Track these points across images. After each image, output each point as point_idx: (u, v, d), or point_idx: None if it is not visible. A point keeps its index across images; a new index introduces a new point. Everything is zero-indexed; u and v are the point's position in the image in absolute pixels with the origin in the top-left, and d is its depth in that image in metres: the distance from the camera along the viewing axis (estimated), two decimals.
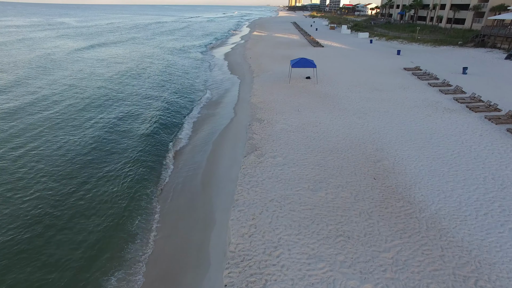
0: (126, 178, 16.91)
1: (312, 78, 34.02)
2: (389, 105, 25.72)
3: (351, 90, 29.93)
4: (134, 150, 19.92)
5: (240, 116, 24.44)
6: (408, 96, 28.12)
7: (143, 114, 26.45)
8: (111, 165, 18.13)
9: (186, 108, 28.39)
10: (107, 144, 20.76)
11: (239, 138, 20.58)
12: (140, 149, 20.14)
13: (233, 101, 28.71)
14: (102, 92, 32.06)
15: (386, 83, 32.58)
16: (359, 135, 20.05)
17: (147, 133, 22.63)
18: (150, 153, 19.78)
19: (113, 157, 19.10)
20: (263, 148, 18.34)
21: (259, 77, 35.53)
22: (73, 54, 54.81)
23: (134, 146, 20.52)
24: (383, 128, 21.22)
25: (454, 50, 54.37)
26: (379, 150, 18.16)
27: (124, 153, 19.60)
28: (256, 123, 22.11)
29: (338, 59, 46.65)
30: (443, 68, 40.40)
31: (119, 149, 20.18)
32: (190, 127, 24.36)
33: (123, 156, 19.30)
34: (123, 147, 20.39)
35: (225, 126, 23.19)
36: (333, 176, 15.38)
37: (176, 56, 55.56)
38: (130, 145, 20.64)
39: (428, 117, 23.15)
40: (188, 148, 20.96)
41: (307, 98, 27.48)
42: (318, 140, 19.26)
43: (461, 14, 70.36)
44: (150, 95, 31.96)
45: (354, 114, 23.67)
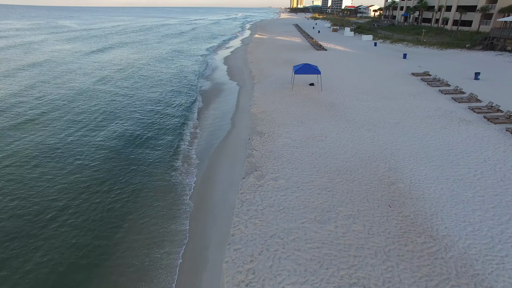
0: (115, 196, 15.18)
1: (316, 85, 32.24)
2: (400, 116, 23.88)
3: (358, 98, 28.12)
4: (123, 163, 18.22)
5: (239, 128, 22.66)
6: (419, 105, 26.27)
7: (136, 125, 24.76)
8: (87, 194, 16.41)
9: (179, 117, 26.63)
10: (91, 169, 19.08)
11: (238, 154, 18.80)
12: (131, 162, 18.43)
13: (231, 110, 26.90)
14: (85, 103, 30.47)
15: (394, 90, 30.75)
16: (369, 152, 18.23)
17: (139, 143, 20.92)
18: (139, 169, 18.06)
19: (92, 186, 17.38)
20: (264, 167, 16.56)
21: (260, 83, 33.79)
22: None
23: (125, 156, 18.83)
24: (394, 142, 19.39)
25: (462, 53, 52.51)
26: (392, 169, 16.33)
27: (107, 171, 17.88)
28: (256, 136, 20.33)
29: (342, 64, 44.87)
30: (453, 73, 38.52)
31: (98, 169, 18.47)
32: (184, 138, 22.61)
33: (103, 176, 17.58)
34: (106, 168, 18.65)
35: (222, 140, 21.42)
36: (342, 203, 13.56)
37: (176, 60, 53.90)
38: (117, 162, 18.92)
39: (443, 129, 21.30)
40: (181, 163, 19.18)
41: (311, 107, 25.69)
42: (324, 158, 17.46)
43: (467, 16, 68.40)
44: (143, 104, 30.28)
45: (362, 126, 21.85)
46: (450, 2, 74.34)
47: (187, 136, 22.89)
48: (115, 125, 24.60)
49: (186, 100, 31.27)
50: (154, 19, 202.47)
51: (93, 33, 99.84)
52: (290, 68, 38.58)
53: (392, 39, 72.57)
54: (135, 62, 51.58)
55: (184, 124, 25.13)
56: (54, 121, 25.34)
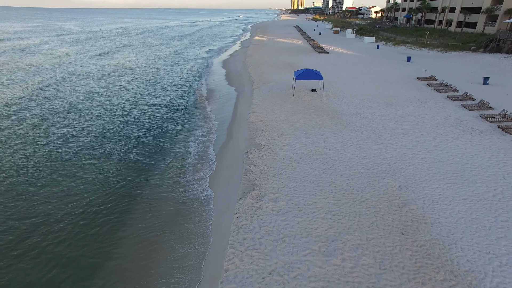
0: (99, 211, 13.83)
1: (318, 91, 30.86)
2: (407, 125, 22.47)
3: (362, 105, 26.72)
4: (107, 177, 16.87)
5: (236, 140, 21.27)
6: (428, 113, 24.86)
7: (125, 137, 23.42)
8: (70, 206, 15.07)
9: (170, 127, 25.28)
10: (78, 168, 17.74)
11: (234, 170, 17.42)
12: (119, 178, 17.09)
13: (228, 119, 25.54)
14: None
15: (400, 96, 29.35)
16: (377, 167, 16.83)
17: (127, 159, 19.57)
18: (128, 184, 16.71)
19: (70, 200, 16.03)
20: (263, 186, 15.17)
21: (260, 89, 32.42)
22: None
23: (108, 173, 17.48)
24: (403, 156, 17.98)
25: (467, 56, 51.08)
26: (402, 188, 14.92)
27: (90, 186, 16.54)
28: (254, 149, 18.94)
29: (345, 67, 43.49)
30: (460, 77, 37.11)
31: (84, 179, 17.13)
32: (177, 151, 21.24)
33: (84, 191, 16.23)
34: (88, 179, 17.32)
35: (217, 153, 20.06)
36: (349, 230, 12.16)
37: (174, 64, 52.54)
38: (102, 172, 17.58)
39: (455, 140, 19.88)
40: (172, 181, 17.82)
41: (313, 115, 24.30)
42: (328, 175, 16.07)
43: (472, 17, 67.04)
44: (134, 114, 28.96)
45: (368, 137, 20.45)
46: (454, 3, 72.99)
47: (180, 148, 21.50)
48: (97, 134, 23.30)
49: (180, 108, 29.92)
50: (157, 21, 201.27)
51: (97, 36, 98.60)
52: (291, 73, 37.25)
53: (395, 41, 71.17)
54: (133, 65, 50.31)
55: (177, 134, 23.71)
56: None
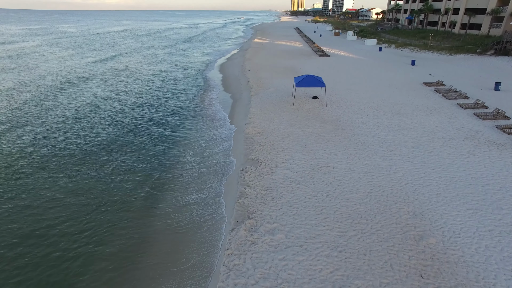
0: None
1: (320, 98, 29.08)
2: (417, 137, 20.66)
3: (368, 115, 24.92)
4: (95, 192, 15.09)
5: (228, 154, 19.46)
6: (438, 123, 23.05)
7: (111, 161, 21.63)
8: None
9: (159, 140, 23.49)
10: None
11: (227, 192, 15.62)
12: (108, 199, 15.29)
13: (223, 130, 23.76)
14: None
15: (407, 104, 27.55)
16: (387, 188, 15.01)
17: (115, 180, 17.78)
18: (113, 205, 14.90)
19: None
20: (259, 213, 13.36)
21: (258, 95, 30.65)
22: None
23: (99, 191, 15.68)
24: (416, 175, 16.17)
25: (473, 59, 49.36)
26: (417, 215, 13.10)
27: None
28: (251, 167, 17.14)
29: (347, 72, 41.72)
30: (469, 82, 35.34)
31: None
32: (166, 168, 19.43)
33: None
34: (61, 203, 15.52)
35: (209, 171, 18.23)
36: (359, 272, 10.34)
37: (170, 69, 50.73)
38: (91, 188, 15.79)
39: (472, 156, 18.06)
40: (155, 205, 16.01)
41: (315, 127, 22.49)
42: (332, 198, 14.25)
43: (476, 19, 65.26)
44: (122, 129, 27.20)
45: (375, 152, 18.64)
46: (458, 4, 71.26)
47: (169, 166, 19.66)
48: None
49: (172, 118, 28.15)
50: (160, 23, 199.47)
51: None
52: (291, 78, 35.50)
53: (397, 43, 69.49)
54: (126, 68, 48.58)
55: (168, 149, 21.87)
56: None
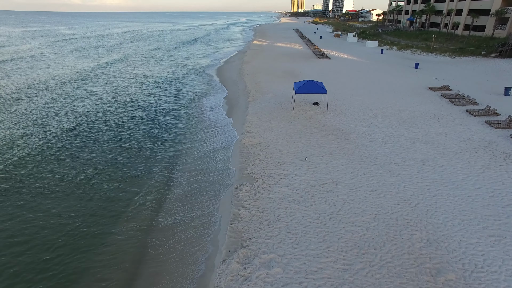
0: None
1: (321, 104, 27.62)
2: (427, 149, 19.19)
3: (372, 123, 23.46)
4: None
5: (223, 169, 18.01)
6: (448, 133, 21.58)
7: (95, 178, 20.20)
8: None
9: (149, 153, 22.07)
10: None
11: (219, 214, 14.16)
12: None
13: (218, 141, 22.31)
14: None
15: (413, 111, 26.10)
16: (396, 209, 13.54)
17: (100, 192, 16.35)
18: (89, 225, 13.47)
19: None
20: (253, 240, 11.90)
21: (256, 101, 29.21)
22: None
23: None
24: (427, 193, 14.70)
25: (478, 61, 47.91)
26: (432, 243, 11.63)
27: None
28: (246, 184, 15.68)
29: (349, 75, 40.29)
30: (476, 86, 33.90)
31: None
32: (153, 183, 17.98)
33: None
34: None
35: (199, 188, 16.76)
36: None
37: (166, 72, 49.33)
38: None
39: (487, 170, 16.59)
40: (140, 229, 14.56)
41: (316, 137, 21.03)
42: (336, 222, 12.78)
43: (480, 20, 63.88)
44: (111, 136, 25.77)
45: (382, 166, 17.17)
46: (461, 6, 69.91)
47: (157, 180, 18.19)
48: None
49: (162, 130, 26.72)
50: (163, 25, 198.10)
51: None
52: (291, 82, 34.08)
53: (399, 45, 68.10)
54: (123, 73, 47.23)
55: (156, 164, 20.30)
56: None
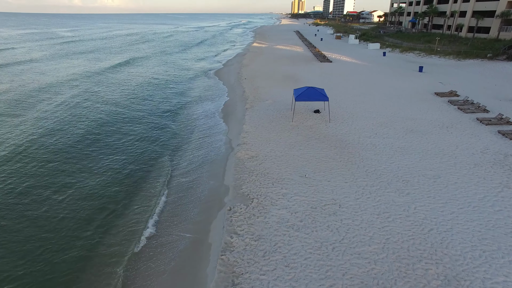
0: None
1: (323, 112, 26.16)
2: (437, 163, 17.69)
3: (377, 133, 21.98)
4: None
5: (216, 188, 16.52)
6: (458, 144, 20.08)
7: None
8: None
9: (133, 166, 20.62)
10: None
11: (208, 243, 12.68)
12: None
13: (211, 152, 20.83)
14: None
15: (420, 119, 24.61)
16: (407, 237, 12.04)
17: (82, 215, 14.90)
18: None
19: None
20: (246, 276, 10.41)
21: (253, 108, 27.76)
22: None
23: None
24: (441, 216, 13.21)
25: (484, 64, 46.46)
26: (451, 281, 10.14)
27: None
28: (240, 205, 14.20)
29: (351, 79, 38.82)
30: (484, 91, 32.43)
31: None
32: (137, 203, 16.54)
33: None
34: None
35: (190, 208, 15.29)
36: None
37: (162, 76, 47.93)
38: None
39: (507, 189, 15.08)
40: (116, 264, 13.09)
41: (317, 149, 19.53)
42: (340, 253, 11.30)
43: (485, 21, 62.40)
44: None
45: (389, 184, 15.69)
46: (465, 7, 68.43)
47: (139, 196, 16.74)
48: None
49: (149, 143, 25.29)
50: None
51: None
52: (290, 87, 32.67)
53: (402, 47, 66.65)
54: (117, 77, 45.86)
55: (141, 177, 18.74)
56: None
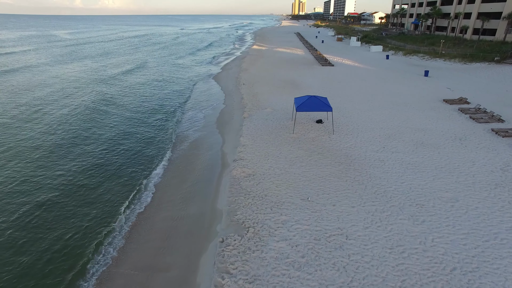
0: None
1: (326, 122, 24.47)
2: (452, 183, 15.96)
3: (385, 146, 20.26)
4: None
5: (206, 215, 14.81)
6: (475, 160, 18.36)
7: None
8: None
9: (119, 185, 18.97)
10: None
11: (198, 281, 10.98)
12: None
13: (204, 169, 19.14)
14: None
15: (430, 130, 22.90)
16: (426, 279, 10.34)
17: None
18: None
19: None
20: None
21: (252, 118, 26.09)
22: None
23: None
24: (464, 251, 11.50)
25: (492, 68, 44.73)
26: None
27: None
28: (233, 236, 12.50)
29: (354, 85, 37.13)
30: (496, 98, 30.71)
31: None
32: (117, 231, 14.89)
33: None
34: None
35: (172, 242, 13.61)
36: None
37: (158, 79, 46.31)
38: None
39: None
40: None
41: (320, 165, 17.83)
42: None
43: (491, 23, 60.70)
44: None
45: (401, 209, 13.97)
46: (470, 9, 66.73)
47: (119, 221, 15.10)
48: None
49: (138, 152, 23.64)
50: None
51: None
52: (291, 94, 31.06)
53: (405, 50, 65.02)
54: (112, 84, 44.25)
55: (122, 197, 17.19)
56: None
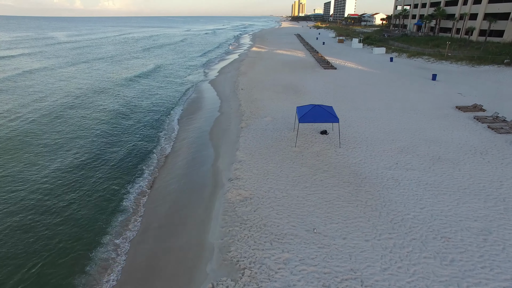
0: None
1: (331, 133, 22.35)
2: (481, 208, 13.82)
3: (398, 161, 18.12)
4: None
5: (195, 245, 12.67)
6: (503, 178, 16.19)
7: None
8: None
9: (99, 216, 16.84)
10: None
11: None
12: None
13: (193, 190, 17.00)
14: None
15: (445, 142, 20.77)
16: None
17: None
18: None
19: None
20: None
21: (250, 128, 23.94)
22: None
23: None
24: None
25: (503, 71, 42.69)
26: None
27: None
28: (225, 281, 10.34)
29: (359, 90, 34.99)
30: (510, 103, 28.59)
31: None
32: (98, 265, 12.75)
33: None
34: None
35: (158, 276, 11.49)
36: None
37: (156, 83, 44.27)
38: None
39: None
40: None
41: (327, 186, 15.68)
42: None
43: (498, 24, 58.66)
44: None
45: (424, 244, 11.82)
46: (475, 9, 64.71)
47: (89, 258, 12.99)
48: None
49: (121, 171, 21.53)
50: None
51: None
52: (292, 100, 28.97)
53: (409, 52, 62.97)
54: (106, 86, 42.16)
55: (102, 226, 15.10)
56: None
